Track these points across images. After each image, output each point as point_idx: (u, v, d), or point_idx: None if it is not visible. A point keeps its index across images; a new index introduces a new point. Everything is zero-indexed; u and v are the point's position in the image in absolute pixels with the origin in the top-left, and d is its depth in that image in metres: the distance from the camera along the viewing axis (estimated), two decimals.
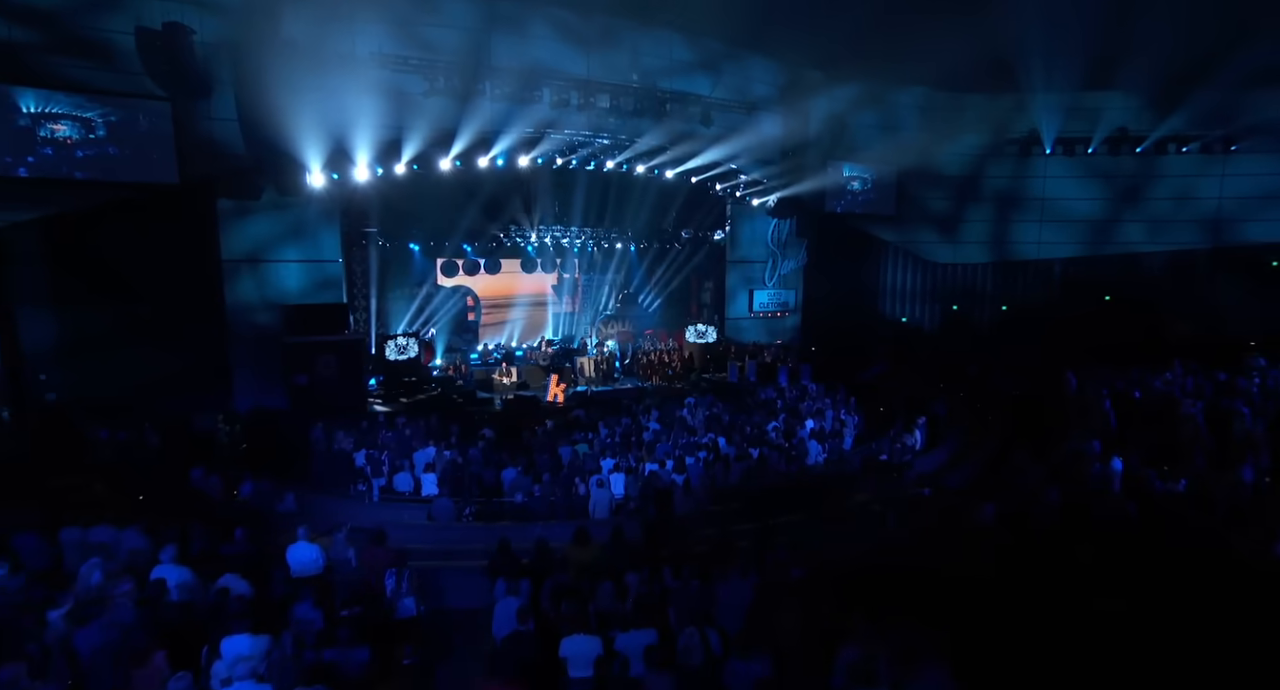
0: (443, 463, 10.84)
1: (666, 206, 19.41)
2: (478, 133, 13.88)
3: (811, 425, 12.95)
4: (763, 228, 19.94)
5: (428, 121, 13.32)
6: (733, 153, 16.79)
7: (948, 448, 12.25)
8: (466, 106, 13.57)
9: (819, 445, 12.02)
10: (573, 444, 11.70)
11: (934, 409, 14.54)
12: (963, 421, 14.05)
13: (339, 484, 10.33)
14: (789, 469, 11.29)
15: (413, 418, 12.99)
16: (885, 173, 19.52)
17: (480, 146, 14.19)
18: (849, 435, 13.00)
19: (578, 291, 21.53)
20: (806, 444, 11.93)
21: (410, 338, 16.32)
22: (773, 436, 12.33)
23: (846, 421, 13.45)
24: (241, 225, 13.17)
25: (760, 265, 20.17)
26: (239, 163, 12.03)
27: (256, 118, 11.67)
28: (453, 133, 13.62)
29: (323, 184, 13.45)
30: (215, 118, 11.76)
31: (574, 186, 17.83)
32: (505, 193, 17.04)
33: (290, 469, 10.53)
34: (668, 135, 15.81)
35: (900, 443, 12.07)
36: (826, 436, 12.48)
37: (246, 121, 11.82)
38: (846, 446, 12.59)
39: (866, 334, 20.58)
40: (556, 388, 16.09)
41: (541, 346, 19.19)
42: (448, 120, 13.51)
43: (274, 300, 13.76)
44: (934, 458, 11.77)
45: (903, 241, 20.95)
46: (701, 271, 21.86)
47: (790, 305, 20.62)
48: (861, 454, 11.89)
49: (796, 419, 13.34)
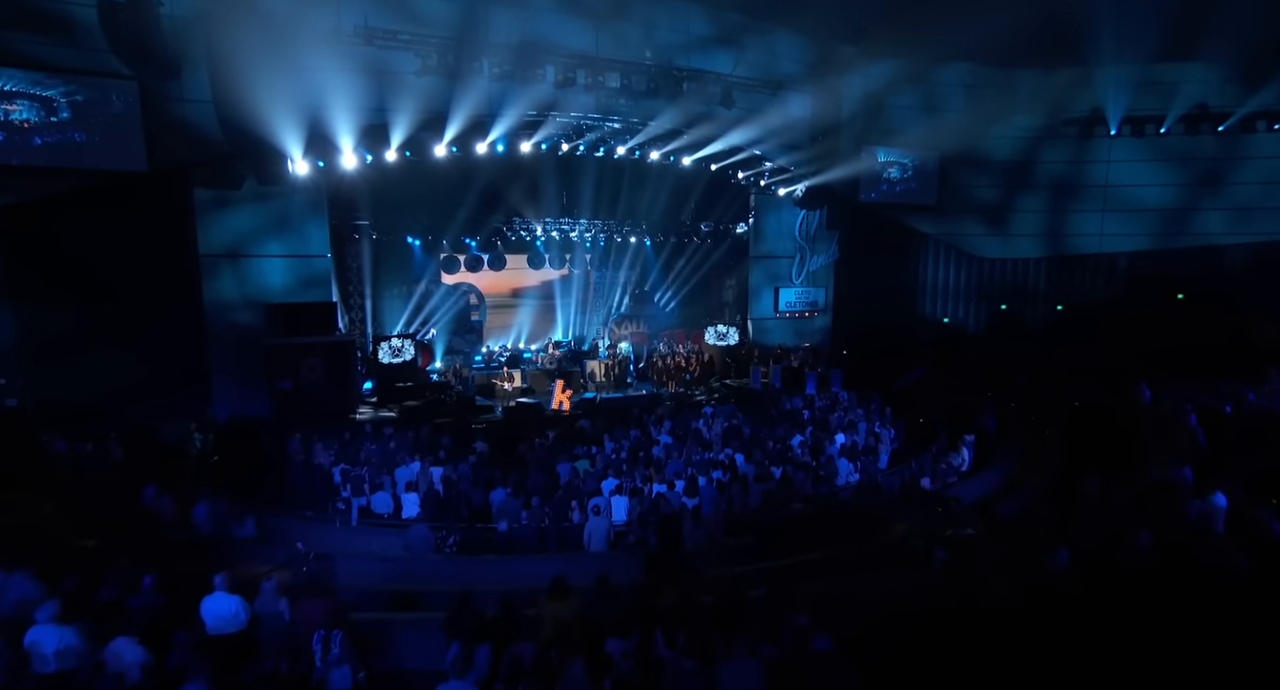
0: (427, 481, 10.05)
1: (684, 197, 18.44)
2: (475, 116, 13.06)
3: (842, 440, 11.87)
4: (790, 220, 18.82)
5: (420, 103, 12.55)
6: (756, 137, 15.71)
7: (1000, 470, 11.05)
8: (462, 87, 12.76)
9: (850, 464, 10.93)
10: (573, 460, 10.81)
11: (982, 422, 13.33)
12: (1016, 438, 12.81)
13: (315, 503, 9.59)
14: (816, 491, 10.24)
15: (401, 428, 12.23)
16: (926, 159, 18.24)
17: (478, 131, 13.38)
18: (885, 451, 11.88)
19: (589, 289, 20.66)
20: (836, 462, 10.85)
21: (406, 339, 15.62)
22: (798, 453, 11.28)
23: (881, 435, 12.32)
24: (220, 217, 12.56)
25: (787, 261, 19.06)
26: (214, 149, 11.41)
27: (232, 99, 11.02)
28: (447, 116, 12.82)
29: (307, 172, 12.80)
30: (187, 99, 11.14)
31: (583, 175, 16.97)
32: (508, 182, 16.25)
33: (263, 486, 9.86)
34: (684, 118, 14.80)
35: (945, 463, 10.92)
36: (859, 454, 11.38)
37: (221, 103, 11.17)
38: (882, 465, 11.47)
39: (904, 336, 19.38)
40: (562, 394, 15.26)
41: (549, 349, 18.36)
42: (442, 102, 12.71)
43: (256, 299, 13.14)
44: (984, 481, 10.59)
45: (945, 234, 19.64)
46: (723, 268, 20.86)
47: (820, 304, 19.47)
48: (899, 475, 10.77)
49: (825, 432, 12.26)
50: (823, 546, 7.64)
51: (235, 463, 10.60)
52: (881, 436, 12.26)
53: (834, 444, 11.63)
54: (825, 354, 18.33)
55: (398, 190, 15.24)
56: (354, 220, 15.29)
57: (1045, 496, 10.05)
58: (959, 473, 10.96)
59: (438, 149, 13.47)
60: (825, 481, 10.60)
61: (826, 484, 10.60)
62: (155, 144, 10.85)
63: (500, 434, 13.03)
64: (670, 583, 7.09)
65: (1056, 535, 7.13)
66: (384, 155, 13.14)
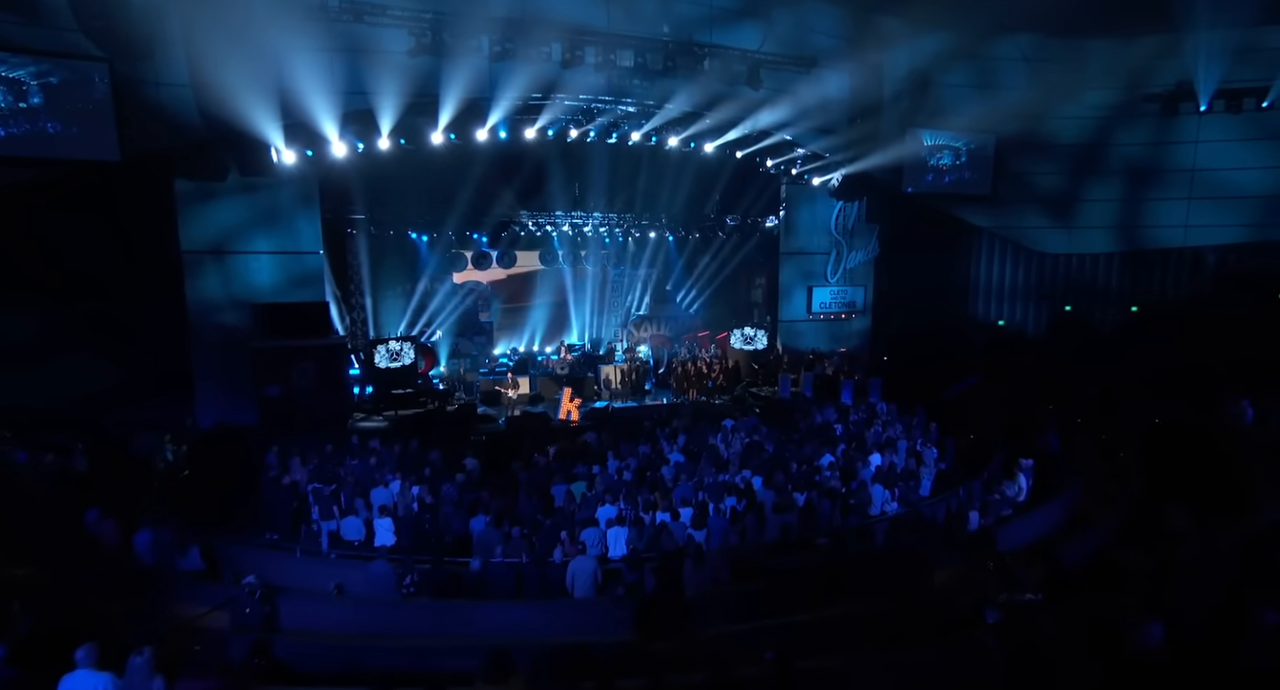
0: (407, 504, 9.29)
1: (708, 188, 17.41)
2: (473, 99, 12.29)
3: (878, 461, 10.68)
4: (825, 212, 17.59)
5: (413, 86, 11.83)
6: (786, 120, 14.55)
7: (1064, 501, 9.71)
8: (459, 67, 11.98)
9: (886, 491, 9.75)
10: (570, 481, 9.92)
11: (1043, 442, 11.94)
12: (1084, 461, 11.39)
13: (281, 528, 8.93)
14: (844, 523, 9.12)
15: (390, 441, 11.54)
16: (980, 143, 16.76)
17: (476, 116, 12.61)
18: (928, 475, 10.62)
19: (605, 288, 19.79)
20: (869, 488, 9.68)
21: (405, 342, 14.98)
22: (826, 475, 10.14)
23: (924, 456, 11.06)
24: (203, 210, 12.11)
25: (821, 257, 17.82)
26: (193, 136, 10.89)
27: (210, 83, 10.47)
28: (443, 99, 12.06)
29: (295, 162, 12.23)
30: (162, 83, 10.63)
31: (597, 165, 16.11)
32: (516, 173, 15.48)
33: (232, 505, 9.27)
34: (705, 100, 13.76)
35: (998, 491, 9.63)
36: (897, 478, 10.17)
37: (199, 87, 10.63)
38: (924, 492, 10.24)
39: (953, 341, 17.98)
40: (570, 403, 14.41)
41: (560, 352, 17.53)
42: (437, 84, 11.97)
43: (243, 298, 12.67)
44: (1045, 516, 9.29)
45: (1001, 227, 18.12)
46: (752, 265, 19.74)
47: (858, 305, 18.16)
48: (944, 504, 9.54)
49: (860, 452, 11.08)
50: (844, 599, 6.56)
51: (206, 478, 10.07)
52: (924, 457, 11.01)
53: (868, 466, 10.45)
54: (863, 360, 17.05)
55: (397, 181, 14.64)
56: (351, 214, 14.76)
57: (1120, 537, 8.72)
58: (1015, 504, 9.66)
59: (434, 136, 12.75)
60: (856, 511, 9.46)
61: (858, 513, 9.46)
62: (128, 131, 10.39)
63: (499, 448, 12.26)
64: (663, 640, 6.14)
65: (1143, 598, 5.91)
66: (376, 143, 12.48)
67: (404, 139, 12.78)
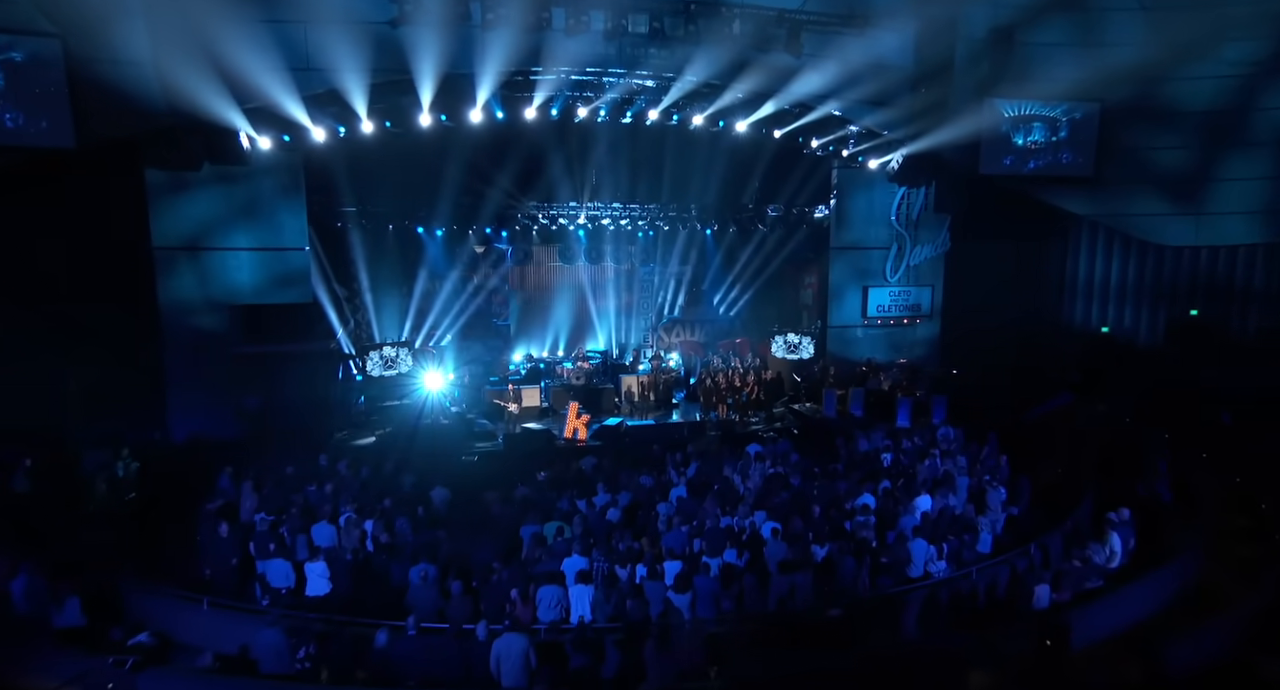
0: (353, 540, 8.32)
1: (744, 173, 15.85)
2: (458, 75, 11.25)
3: (926, 506, 8.91)
4: (884, 200, 15.69)
5: (397, 59, 10.90)
6: (833, 91, 12.79)
7: (1175, 573, 7.65)
8: (447, 38, 10.97)
9: (930, 547, 7.98)
10: (547, 519, 8.70)
11: (1151, 485, 9.76)
12: (1209, 515, 9.16)
13: (218, 566, 8.13)
14: (870, 588, 7.48)
15: (363, 463, 10.69)
16: (1079, 113, 14.38)
17: (464, 94, 11.56)
18: (992, 524, 8.75)
19: (633, 288, 18.53)
20: (909, 545, 7.94)
21: (401, 347, 14.23)
22: (860, 522, 8.46)
23: (990, 499, 9.16)
24: (176, 203, 11.69)
25: (880, 253, 15.91)
26: (157, 122, 10.30)
27: (172, 60, 9.84)
28: (431, 75, 11.08)
29: (271, 149, 11.60)
30: (121, 61, 10.05)
31: (615, 148, 14.86)
32: (523, 159, 14.42)
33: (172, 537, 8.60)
34: (734, 69, 12.19)
35: (1083, 557, 7.67)
36: (948, 528, 8.36)
37: (162, 66, 10.01)
38: (983, 547, 8.40)
39: (1041, 351, 15.69)
40: (576, 420, 13.27)
41: (577, 360, 16.37)
42: (424, 58, 10.97)
43: (221, 299, 12.22)
44: (1146, 592, 7.30)
45: (1106, 215, 15.61)
46: (800, 262, 18.03)
47: (923, 309, 16.12)
48: (1007, 566, 7.70)
49: (906, 492, 9.31)
50: None
51: (154, 502, 9.48)
52: (989, 500, 9.11)
53: (913, 512, 8.68)
54: (928, 374, 15.00)
55: (392, 170, 13.91)
56: (344, 206, 14.08)
57: (1259, 631, 6.65)
58: (1104, 572, 7.67)
59: (422, 118, 11.82)
60: (890, 571, 7.78)
61: (892, 574, 7.78)
62: (85, 116, 9.91)
63: (490, 472, 11.26)
64: None
65: None
66: (359, 127, 11.67)
67: (389, 122, 11.95)
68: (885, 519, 8.62)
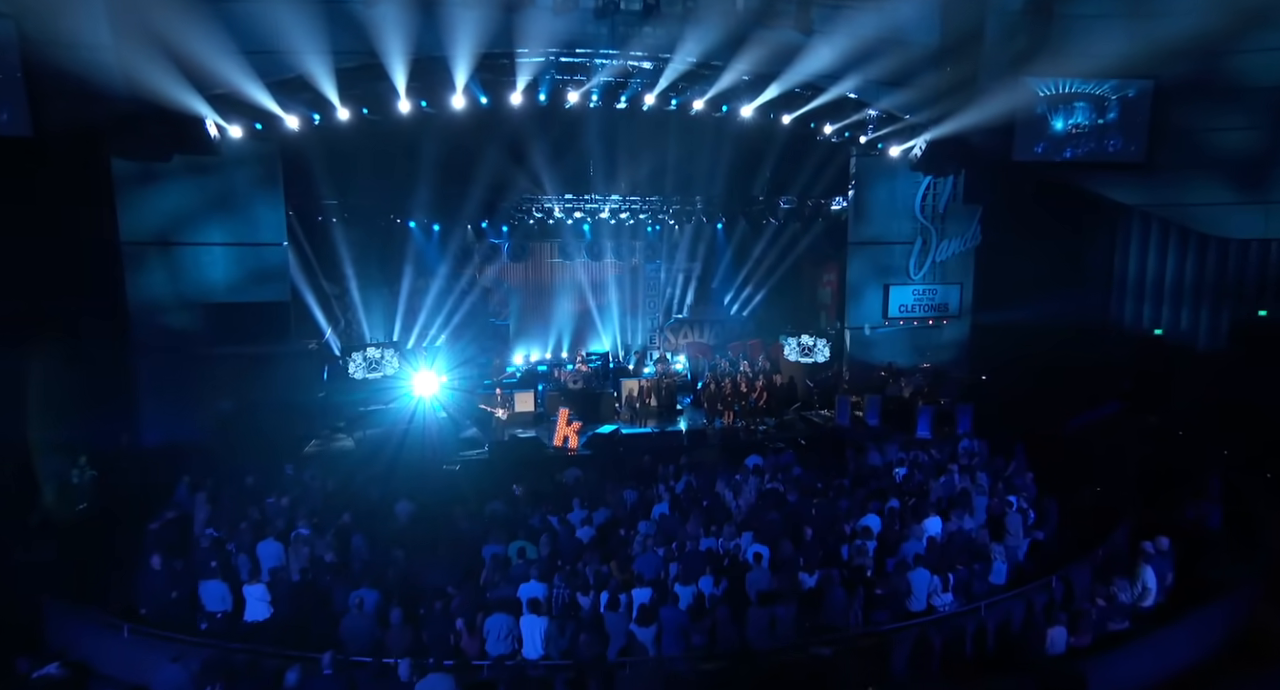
0: (302, 559, 7.83)
1: (754, 164, 15.06)
2: (437, 57, 10.73)
3: (936, 529, 8.06)
4: (907, 191, 14.81)
5: (366, 41, 10.43)
6: (847, 69, 11.95)
7: (1227, 610, 6.67)
8: (421, 17, 10.49)
9: (934, 578, 7.14)
10: (510, 540, 8.10)
11: (1199, 509, 8.74)
12: (1266, 547, 8.11)
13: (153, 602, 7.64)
14: (867, 626, 6.70)
15: (328, 473, 10.24)
16: (1129, 91, 13.22)
17: (445, 78, 11.05)
18: (1003, 554, 7.83)
19: (637, 286, 17.90)
20: (909, 576, 7.11)
21: (386, 349, 13.82)
22: (859, 546, 7.66)
23: (1010, 522, 8.25)
24: (146, 195, 11.43)
25: (902, 248, 15.00)
26: (119, 108, 9.99)
27: (132, 43, 9.54)
28: (404, 57, 10.60)
29: (242, 137, 11.27)
30: (81, 44, 9.76)
31: (616, 137, 14.21)
32: (516, 148, 13.90)
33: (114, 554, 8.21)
34: (734, 45, 11.45)
35: (1107, 595, 6.72)
36: (957, 556, 7.51)
37: (123, 49, 9.69)
38: (997, 579, 7.53)
39: (1084, 355, 14.55)
40: (566, 428, 12.67)
41: (576, 363, 15.78)
42: (395, 39, 10.50)
43: (193, 297, 11.97)
44: (1185, 638, 6.34)
45: (1160, 204, 14.39)
46: (819, 258, 17.17)
47: (951, 308, 15.14)
48: (1023, 601, 6.81)
49: (915, 512, 8.46)
50: None
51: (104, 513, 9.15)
52: (1009, 524, 8.19)
53: (920, 537, 7.82)
54: (954, 380, 13.99)
55: (382, 161, 13.52)
56: (328, 200, 13.72)
57: None
58: (1133, 612, 6.72)
59: (400, 104, 11.37)
60: (887, 604, 6.97)
61: (890, 607, 6.98)
62: (43, 102, 9.67)
63: (471, 484, 10.71)
64: None
65: None
66: (334, 114, 11.28)
67: (366, 108, 11.52)
68: (888, 543, 7.80)
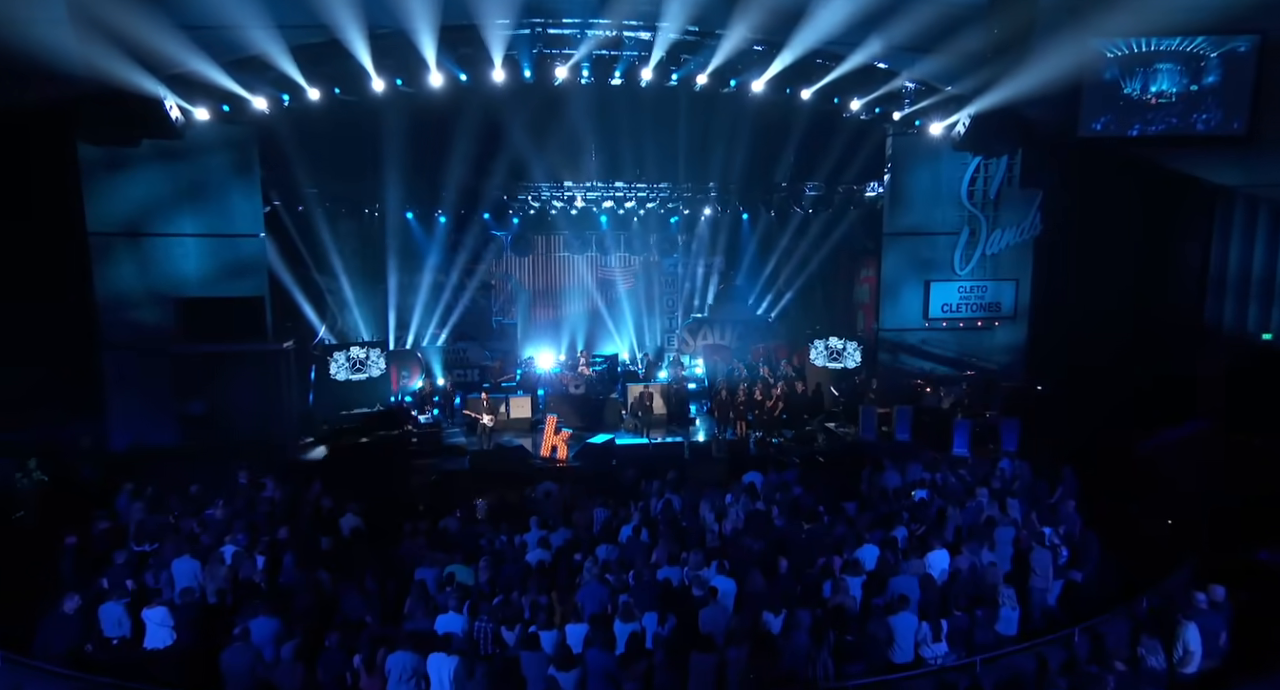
0: (219, 578, 7.34)
1: (776, 146, 14.02)
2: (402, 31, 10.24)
3: (943, 565, 6.94)
4: (952, 174, 13.56)
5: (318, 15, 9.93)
6: (868, 29, 10.83)
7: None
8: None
9: (925, 625, 6.04)
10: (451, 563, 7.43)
11: (1275, 553, 7.36)
12: None
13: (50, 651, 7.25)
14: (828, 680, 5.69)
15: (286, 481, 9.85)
16: (1223, 50, 11.52)
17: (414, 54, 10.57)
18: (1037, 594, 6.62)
19: (651, 283, 17.16)
20: (891, 620, 6.05)
21: (372, 348, 13.47)
22: (845, 584, 6.62)
23: (1037, 556, 7.03)
24: (114, 183, 11.37)
25: (946, 239, 13.73)
26: (76, 89, 9.84)
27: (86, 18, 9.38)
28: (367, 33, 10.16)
29: (209, 120, 11.06)
30: (37, 19, 9.53)
31: (619, 117, 13.56)
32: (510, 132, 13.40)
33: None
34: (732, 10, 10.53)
35: (1132, 659, 5.45)
36: (957, 602, 6.38)
37: (80, 24, 9.55)
38: (1007, 628, 6.37)
39: (1167, 363, 12.86)
40: (555, 436, 12.02)
41: (579, 365, 15.10)
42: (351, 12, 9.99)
43: (164, 291, 11.87)
44: None
45: (1265, 185, 12.50)
46: (856, 251, 16.01)
47: (1005, 308, 13.74)
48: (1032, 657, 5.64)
49: (920, 544, 7.35)
50: None
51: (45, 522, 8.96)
52: (1034, 563, 6.97)
53: (913, 574, 6.72)
54: (1003, 390, 12.55)
55: (369, 147, 13.28)
56: (313, 188, 13.52)
57: None
58: (1166, 680, 5.44)
59: (374, 83, 10.97)
60: (862, 653, 5.91)
61: (867, 657, 5.92)
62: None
63: (449, 496, 10.23)
64: None
65: None
66: (304, 95, 10.96)
67: (338, 88, 11.16)
68: (882, 580, 6.72)
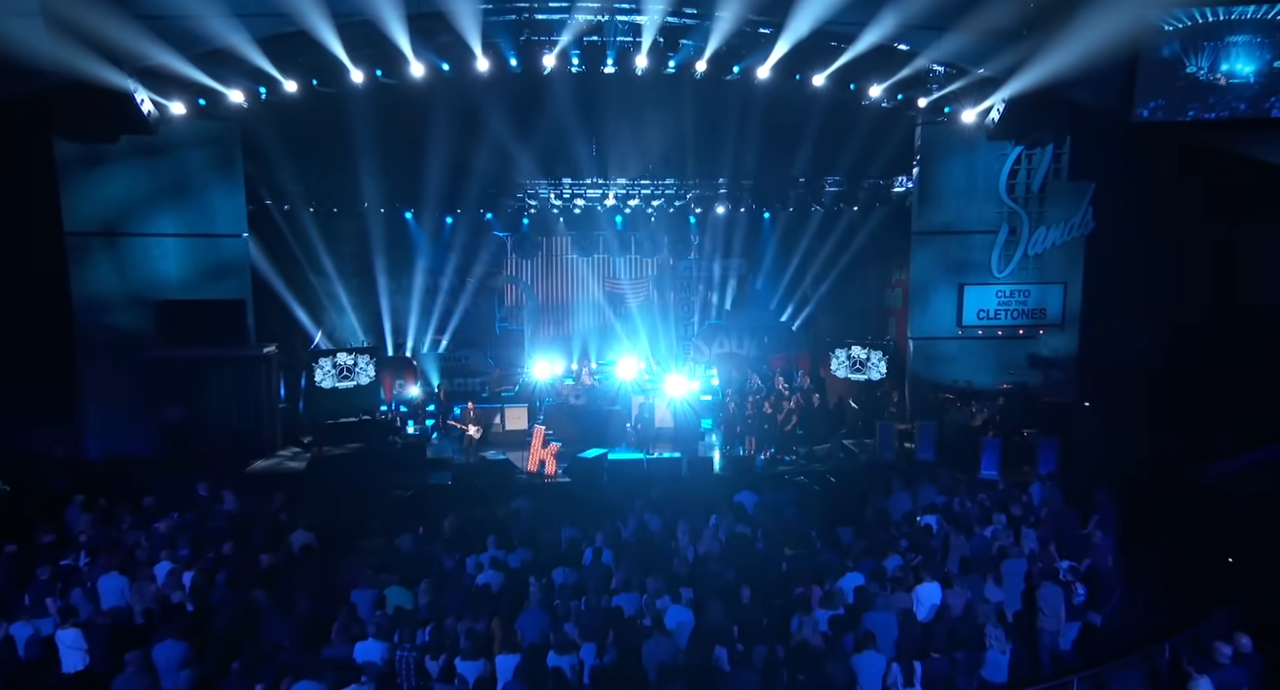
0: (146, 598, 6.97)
1: (791, 137, 13.28)
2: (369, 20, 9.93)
3: (934, 599, 6.20)
4: (989, 165, 12.64)
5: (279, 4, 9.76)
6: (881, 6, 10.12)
7: None
8: None
9: (896, 668, 5.30)
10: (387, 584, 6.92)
11: None
12: None
13: None
14: None
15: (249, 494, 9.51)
16: None
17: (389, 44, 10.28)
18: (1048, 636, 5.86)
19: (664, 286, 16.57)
20: (854, 660, 5.32)
21: (361, 354, 13.16)
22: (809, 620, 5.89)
23: (1045, 593, 6.17)
24: (91, 180, 11.27)
25: (983, 238, 12.78)
26: (47, 82, 9.78)
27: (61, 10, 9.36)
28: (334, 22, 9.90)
29: (186, 115, 10.98)
30: (10, 12, 9.53)
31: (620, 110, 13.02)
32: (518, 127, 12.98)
33: None
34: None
35: None
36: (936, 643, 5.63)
37: (52, 15, 9.52)
38: (995, 674, 5.59)
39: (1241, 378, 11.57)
40: (542, 449, 11.45)
41: (581, 375, 14.55)
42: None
43: (143, 293, 11.75)
44: None
45: None
46: (887, 252, 15.18)
47: (1051, 314, 12.76)
48: None
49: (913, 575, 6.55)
50: None
51: None
52: (1042, 601, 6.10)
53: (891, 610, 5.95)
54: (1044, 406, 11.48)
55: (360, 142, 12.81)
56: (301, 187, 13.34)
57: None
58: None
59: (353, 75, 10.74)
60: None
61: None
62: None
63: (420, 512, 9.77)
64: None
65: None
66: (281, 88, 10.77)
67: (316, 80, 10.95)
68: (852, 614, 5.94)
